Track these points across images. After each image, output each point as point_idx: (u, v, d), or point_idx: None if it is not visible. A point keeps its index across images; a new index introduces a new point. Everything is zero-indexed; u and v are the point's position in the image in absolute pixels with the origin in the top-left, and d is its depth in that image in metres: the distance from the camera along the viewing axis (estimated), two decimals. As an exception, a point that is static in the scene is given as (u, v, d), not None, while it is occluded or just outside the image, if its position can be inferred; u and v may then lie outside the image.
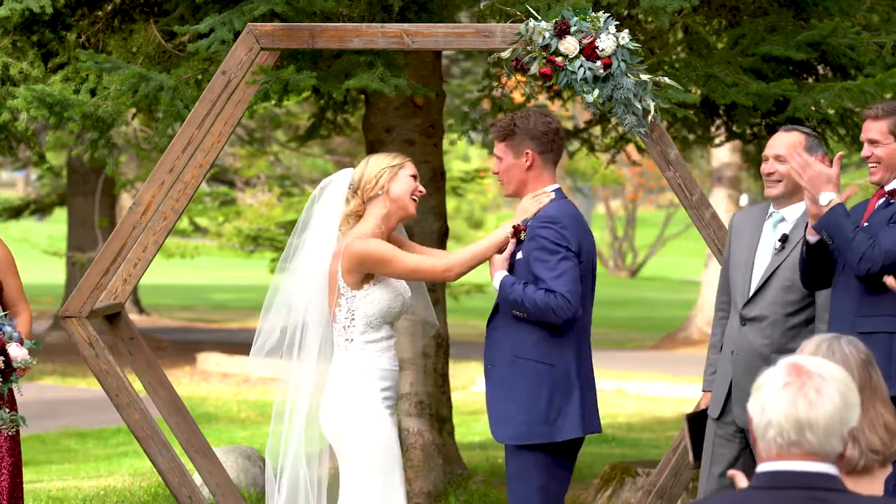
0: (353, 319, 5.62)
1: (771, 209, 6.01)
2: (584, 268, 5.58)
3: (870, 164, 5.80)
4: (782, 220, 5.96)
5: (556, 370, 5.52)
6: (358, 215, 5.77)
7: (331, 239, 5.77)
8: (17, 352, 6.03)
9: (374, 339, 5.63)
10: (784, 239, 5.91)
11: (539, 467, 5.52)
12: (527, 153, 5.69)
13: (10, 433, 6.16)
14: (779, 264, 5.90)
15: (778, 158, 5.93)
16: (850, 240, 5.51)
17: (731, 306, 6.08)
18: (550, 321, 5.46)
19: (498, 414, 5.61)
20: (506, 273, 5.60)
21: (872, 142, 5.77)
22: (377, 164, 5.80)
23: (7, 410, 6.08)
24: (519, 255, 5.64)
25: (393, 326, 5.75)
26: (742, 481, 3.45)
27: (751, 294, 5.95)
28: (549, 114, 5.83)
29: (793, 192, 5.93)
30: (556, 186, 5.74)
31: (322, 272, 5.74)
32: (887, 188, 5.76)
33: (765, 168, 6.00)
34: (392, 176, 5.76)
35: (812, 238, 5.64)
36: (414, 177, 5.82)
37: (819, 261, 5.69)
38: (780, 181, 5.92)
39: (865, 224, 5.66)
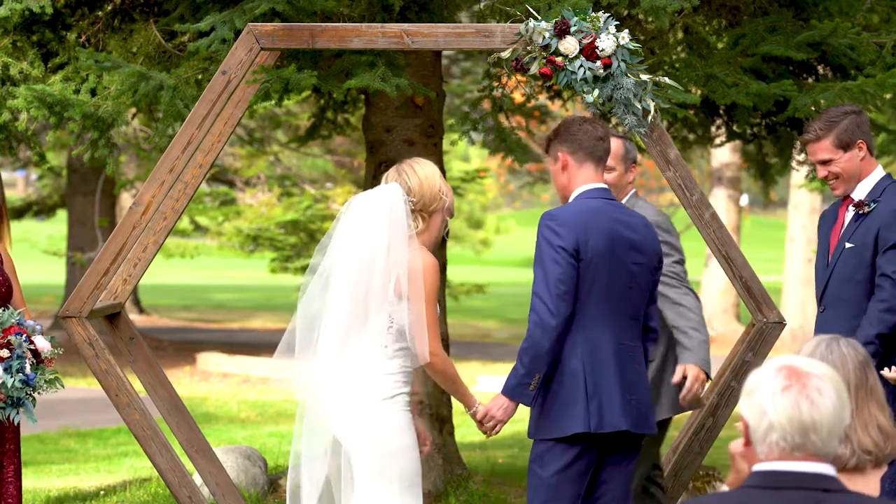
0: (391, 326, 5.56)
1: None
2: (588, 265, 5.54)
3: (829, 182, 5.81)
4: None
5: (561, 367, 5.56)
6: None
7: (382, 254, 5.54)
8: (43, 343, 6.18)
9: (404, 346, 5.62)
10: None
11: (545, 464, 5.60)
12: (559, 156, 5.70)
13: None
14: None
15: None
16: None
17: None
18: (543, 342, 5.50)
19: None
20: (499, 392, 5.72)
21: (824, 162, 5.78)
22: (431, 175, 5.68)
23: (46, 368, 6.20)
24: None
25: None
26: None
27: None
28: (586, 118, 5.76)
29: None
30: (590, 186, 5.66)
31: (369, 283, 5.55)
32: (854, 197, 5.78)
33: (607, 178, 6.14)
34: (447, 188, 5.71)
35: None
36: None
37: None
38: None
39: (848, 245, 5.69)
